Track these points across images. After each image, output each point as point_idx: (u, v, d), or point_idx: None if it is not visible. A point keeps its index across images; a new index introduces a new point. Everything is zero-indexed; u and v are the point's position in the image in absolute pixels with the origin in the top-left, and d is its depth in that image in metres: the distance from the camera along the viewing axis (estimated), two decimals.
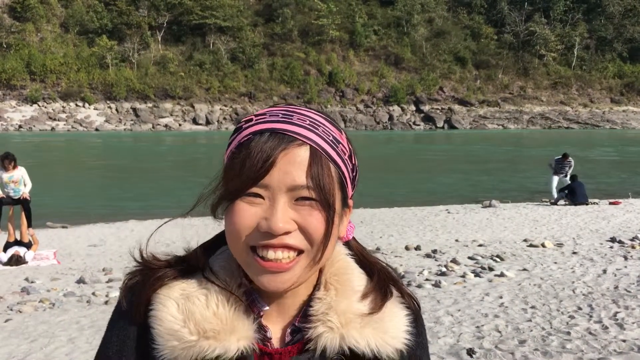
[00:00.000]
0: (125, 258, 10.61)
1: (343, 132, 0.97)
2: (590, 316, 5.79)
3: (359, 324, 0.94)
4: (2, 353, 5.42)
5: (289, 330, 0.97)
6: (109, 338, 0.98)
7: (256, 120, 0.93)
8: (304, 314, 0.96)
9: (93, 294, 7.99)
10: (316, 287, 0.99)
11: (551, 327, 5.49)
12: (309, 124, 0.91)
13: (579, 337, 5.17)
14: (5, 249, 10.92)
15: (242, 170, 0.88)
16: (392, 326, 0.97)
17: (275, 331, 0.97)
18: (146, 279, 0.96)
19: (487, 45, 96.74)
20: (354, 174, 0.99)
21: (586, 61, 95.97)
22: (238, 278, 0.96)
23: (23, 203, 11.14)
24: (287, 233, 0.88)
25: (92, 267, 10.10)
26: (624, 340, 5.05)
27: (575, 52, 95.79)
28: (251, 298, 0.96)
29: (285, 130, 0.90)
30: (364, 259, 1.06)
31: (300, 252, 0.90)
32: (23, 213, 11.21)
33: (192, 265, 0.98)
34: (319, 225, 0.89)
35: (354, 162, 0.98)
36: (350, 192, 0.99)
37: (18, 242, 11.12)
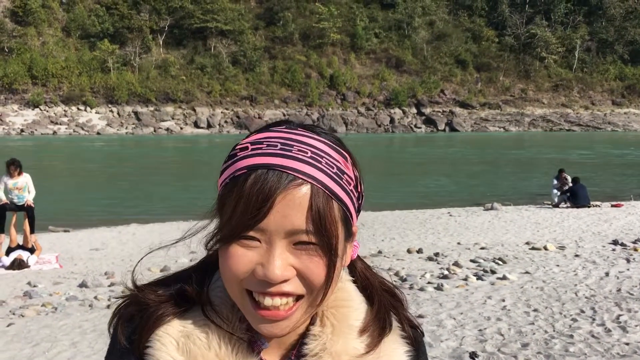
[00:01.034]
0: (127, 261, 10.62)
1: (349, 158, 0.89)
2: (593, 319, 5.78)
3: None
4: (4, 357, 5.42)
5: None
6: None
7: (252, 150, 0.85)
8: (299, 350, 0.92)
9: (95, 297, 7.99)
10: (313, 320, 0.93)
11: (554, 330, 5.48)
12: (310, 157, 0.83)
13: (582, 340, 5.16)
14: (7, 254, 10.94)
15: (237, 212, 0.82)
16: None
17: None
18: (144, 318, 0.90)
19: (488, 48, 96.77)
20: (360, 201, 0.92)
21: (587, 63, 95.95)
22: (239, 312, 0.90)
23: (27, 210, 11.16)
24: (285, 280, 0.82)
25: (94, 271, 10.10)
26: (627, 344, 5.04)
27: (577, 55, 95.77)
28: (252, 334, 0.91)
29: (284, 167, 0.81)
30: (367, 282, 0.99)
31: (299, 297, 0.84)
32: (26, 220, 11.23)
33: (191, 297, 0.92)
34: (320, 272, 0.83)
35: (359, 190, 0.90)
36: (354, 222, 0.91)
37: (21, 247, 11.14)
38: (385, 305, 0.97)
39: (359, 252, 0.99)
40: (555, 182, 18.77)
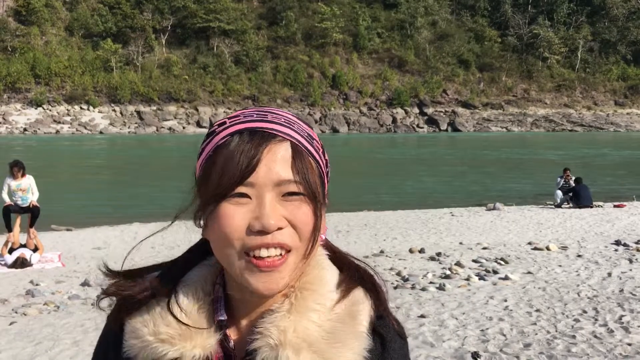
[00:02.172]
0: (129, 260, 10.60)
1: (313, 129, 0.98)
2: (596, 319, 5.77)
3: (298, 345, 0.89)
4: (7, 356, 5.43)
5: (249, 343, 0.94)
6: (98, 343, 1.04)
7: (230, 122, 0.92)
8: (254, 325, 0.94)
9: (97, 296, 7.99)
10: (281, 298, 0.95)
11: (556, 331, 5.48)
12: (284, 122, 0.92)
13: (585, 341, 5.15)
14: (10, 253, 10.95)
15: (226, 171, 0.87)
16: (339, 354, 0.90)
17: (241, 341, 0.95)
18: (115, 307, 0.99)
19: (490, 48, 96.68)
20: (327, 169, 0.99)
21: (590, 64, 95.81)
22: (209, 287, 0.96)
23: (32, 210, 11.18)
24: (279, 229, 0.86)
25: (97, 270, 10.08)
26: (629, 344, 5.03)
27: (579, 55, 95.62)
28: (215, 306, 0.95)
29: (265, 128, 0.89)
30: (336, 257, 1.02)
31: (287, 250, 0.88)
32: (29, 221, 11.25)
33: (160, 287, 0.97)
34: (308, 220, 0.89)
35: (326, 158, 0.99)
36: (326, 188, 0.98)
37: (23, 247, 11.15)
38: (356, 279, 0.98)
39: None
40: (558, 179, 18.78)
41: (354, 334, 0.92)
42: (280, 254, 0.87)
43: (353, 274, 0.99)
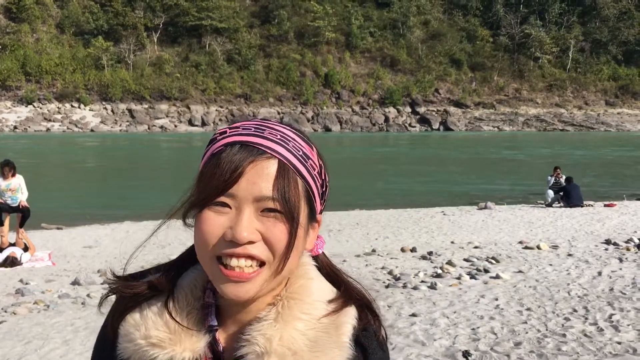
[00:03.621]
0: (120, 259, 10.58)
1: (314, 149, 0.99)
2: (586, 318, 5.80)
3: (283, 354, 0.92)
4: None
5: (237, 349, 0.96)
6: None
7: (230, 132, 0.96)
8: (241, 332, 0.97)
9: (88, 295, 7.96)
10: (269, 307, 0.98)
11: (547, 329, 5.50)
12: (279, 139, 0.94)
13: (575, 339, 5.18)
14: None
15: (212, 179, 0.91)
16: None
17: (230, 346, 0.97)
18: (114, 307, 1.03)
19: (482, 48, 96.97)
20: (324, 189, 1.01)
21: (581, 64, 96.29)
22: (199, 292, 0.99)
23: (23, 211, 11.12)
24: (251, 243, 0.90)
25: (87, 269, 10.06)
26: (619, 343, 5.06)
27: (570, 55, 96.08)
28: (207, 311, 0.98)
29: (255, 143, 0.92)
30: (333, 276, 1.04)
31: (262, 264, 0.91)
32: (19, 221, 11.18)
33: (157, 288, 1.01)
34: (282, 237, 0.91)
35: (323, 178, 1.00)
36: (319, 207, 1.00)
37: (13, 246, 11.08)
38: (347, 297, 1.00)
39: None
40: (549, 178, 18.89)
41: (336, 343, 0.95)
42: (251, 266, 0.91)
43: (350, 293, 1.01)
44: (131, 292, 1.01)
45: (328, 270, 1.05)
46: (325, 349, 0.94)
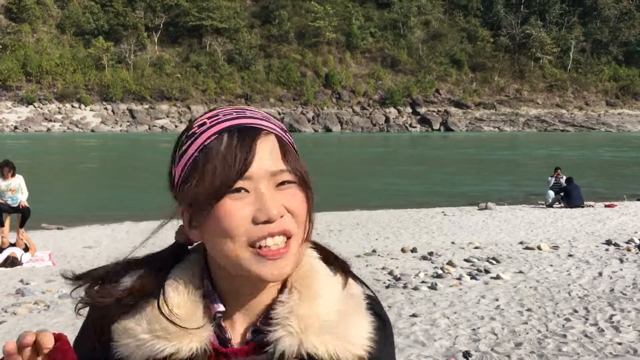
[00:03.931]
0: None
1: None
2: (586, 319, 5.80)
3: (319, 329, 0.93)
4: None
5: (250, 332, 0.97)
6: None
7: (211, 122, 0.93)
8: (266, 316, 0.96)
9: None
10: (282, 290, 0.98)
11: (547, 330, 5.50)
12: (262, 117, 0.95)
13: (575, 340, 5.17)
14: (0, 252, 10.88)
15: (222, 169, 0.89)
16: (354, 333, 0.96)
17: (237, 333, 0.98)
18: (96, 319, 1.00)
19: (483, 48, 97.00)
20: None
21: (582, 64, 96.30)
22: (198, 281, 0.98)
23: (23, 212, 11.11)
24: (281, 217, 0.90)
25: (87, 269, 10.04)
26: (619, 343, 5.05)
27: (571, 55, 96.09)
28: (209, 299, 0.97)
29: (252, 124, 0.92)
30: (318, 247, 1.06)
31: (288, 237, 0.92)
32: (19, 221, 11.18)
33: (143, 290, 0.98)
34: (303, 205, 0.93)
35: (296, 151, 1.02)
36: None
37: (13, 246, 11.08)
38: (348, 272, 1.04)
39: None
40: (549, 178, 18.87)
41: (360, 313, 0.98)
42: (283, 241, 0.91)
43: (340, 264, 1.05)
44: (109, 300, 0.97)
45: (314, 245, 1.05)
46: (351, 317, 0.97)
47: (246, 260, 0.90)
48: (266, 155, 0.91)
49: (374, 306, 1.03)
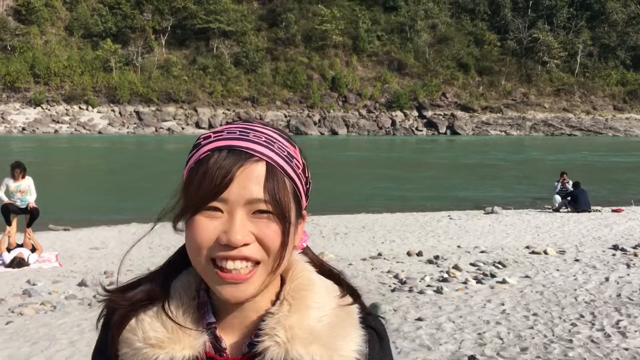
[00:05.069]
0: (126, 261, 10.58)
1: (297, 147, 1.02)
2: (593, 324, 5.77)
3: (306, 340, 0.95)
4: (2, 355, 5.42)
5: (245, 344, 0.99)
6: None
7: (214, 137, 0.97)
8: (259, 328, 0.99)
9: (94, 297, 7.99)
10: (275, 302, 1.01)
11: (553, 335, 5.48)
12: (264, 141, 0.96)
13: (581, 345, 5.15)
14: (8, 252, 10.93)
15: (202, 186, 0.92)
16: (343, 344, 0.97)
17: (233, 343, 1.00)
18: (113, 322, 1.03)
19: (490, 52, 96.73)
20: (307, 186, 1.04)
21: (589, 68, 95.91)
22: (193, 292, 1.02)
23: (32, 212, 11.17)
24: (245, 245, 0.92)
25: (94, 270, 10.09)
26: (626, 349, 5.03)
27: (579, 59, 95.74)
28: (203, 310, 1.00)
29: (243, 147, 0.94)
30: (319, 264, 1.09)
31: (257, 263, 0.94)
32: (27, 221, 11.23)
33: (154, 295, 1.03)
34: (276, 237, 0.93)
35: (307, 175, 1.03)
36: (304, 203, 1.03)
37: (20, 247, 11.14)
38: (345, 284, 1.06)
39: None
40: (555, 183, 18.82)
41: (352, 326, 1.00)
42: (247, 267, 0.93)
43: (340, 280, 1.07)
44: (127, 303, 1.02)
45: (315, 261, 1.09)
46: (342, 330, 0.98)
47: (210, 277, 0.94)
48: (248, 182, 0.92)
49: (371, 321, 1.04)
